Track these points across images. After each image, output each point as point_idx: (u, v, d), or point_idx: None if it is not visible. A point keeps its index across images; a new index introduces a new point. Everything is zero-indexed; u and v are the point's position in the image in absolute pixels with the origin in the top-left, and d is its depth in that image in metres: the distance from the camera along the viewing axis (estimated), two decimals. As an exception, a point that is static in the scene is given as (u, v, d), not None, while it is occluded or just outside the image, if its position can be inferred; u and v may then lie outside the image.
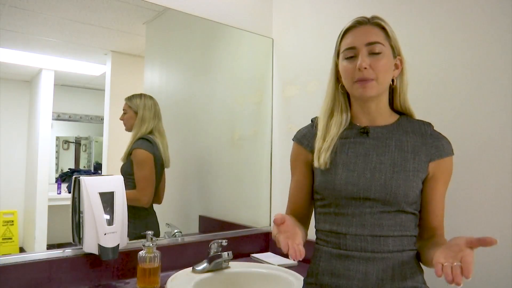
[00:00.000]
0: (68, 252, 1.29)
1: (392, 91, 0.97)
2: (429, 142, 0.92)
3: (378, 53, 0.89)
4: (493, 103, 1.12)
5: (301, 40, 1.81)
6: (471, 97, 1.17)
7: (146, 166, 1.57)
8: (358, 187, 0.89)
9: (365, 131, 0.95)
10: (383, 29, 0.92)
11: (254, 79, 1.96)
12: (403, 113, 0.99)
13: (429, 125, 0.96)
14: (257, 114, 1.95)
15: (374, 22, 0.92)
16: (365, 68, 0.88)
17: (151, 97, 1.60)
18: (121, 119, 1.57)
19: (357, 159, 0.92)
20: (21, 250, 1.49)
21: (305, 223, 1.06)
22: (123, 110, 1.57)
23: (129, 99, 1.58)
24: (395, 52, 0.94)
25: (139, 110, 1.57)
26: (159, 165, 1.60)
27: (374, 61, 0.88)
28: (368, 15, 0.95)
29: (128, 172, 1.54)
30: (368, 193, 0.88)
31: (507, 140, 1.08)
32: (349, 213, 0.90)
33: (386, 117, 0.97)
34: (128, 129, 1.58)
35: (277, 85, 1.94)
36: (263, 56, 1.96)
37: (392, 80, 0.94)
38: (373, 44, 0.89)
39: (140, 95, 1.59)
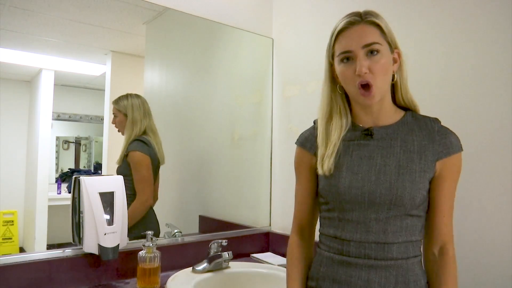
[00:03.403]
0: (68, 252, 1.29)
1: (393, 86, 0.93)
2: (436, 140, 0.88)
3: (376, 52, 0.85)
4: (495, 100, 1.12)
5: (301, 40, 1.81)
6: (472, 95, 1.17)
7: (144, 167, 1.57)
8: (362, 190, 0.87)
9: (369, 133, 0.92)
10: (378, 25, 0.87)
11: (254, 79, 1.96)
12: (408, 109, 0.95)
13: (435, 121, 0.92)
14: (257, 114, 1.95)
15: (368, 21, 0.87)
16: (366, 73, 0.84)
17: (137, 96, 1.59)
18: (113, 123, 1.57)
19: (361, 162, 0.89)
20: (21, 250, 1.48)
21: (312, 230, 1.04)
22: (113, 114, 1.57)
23: (116, 102, 1.57)
24: (392, 47, 0.89)
25: (128, 112, 1.56)
26: (155, 165, 1.60)
27: (372, 62, 0.85)
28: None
29: (124, 174, 1.53)
30: (373, 197, 0.86)
31: (508, 138, 1.08)
32: (353, 219, 0.88)
33: (391, 115, 0.93)
34: (122, 132, 1.57)
35: (277, 85, 1.94)
36: (263, 56, 1.96)
37: (393, 76, 0.91)
38: (370, 45, 0.85)
39: (126, 96, 1.57)
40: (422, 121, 0.92)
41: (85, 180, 1.23)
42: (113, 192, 1.28)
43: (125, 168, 1.54)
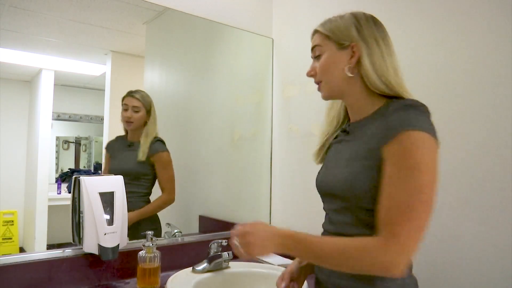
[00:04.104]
0: (68, 252, 1.29)
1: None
2: (384, 122, 0.80)
3: (319, 56, 0.93)
4: (494, 101, 1.12)
5: (301, 40, 1.81)
6: (471, 96, 1.17)
7: (171, 167, 1.62)
8: (324, 183, 0.94)
9: (345, 130, 0.96)
10: (319, 31, 0.94)
11: (254, 79, 1.96)
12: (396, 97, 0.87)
13: (398, 100, 0.82)
14: (257, 114, 1.95)
15: (314, 31, 0.96)
16: (312, 75, 0.94)
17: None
18: (129, 116, 1.54)
19: (332, 157, 0.96)
20: (21, 250, 1.49)
21: None
22: (135, 107, 1.54)
23: (141, 96, 1.56)
24: (343, 44, 0.89)
25: (152, 110, 1.57)
26: None
27: (317, 63, 0.93)
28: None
29: (144, 173, 1.56)
30: (331, 189, 0.90)
31: (507, 139, 1.08)
32: (325, 210, 0.96)
33: (366, 108, 0.90)
34: (135, 128, 1.56)
35: (277, 85, 1.94)
36: (263, 56, 1.96)
37: (353, 70, 0.89)
38: (313, 50, 0.95)
39: (147, 93, 1.58)
40: (391, 107, 0.83)
41: (85, 180, 1.23)
42: (113, 192, 1.28)
43: (145, 167, 1.56)
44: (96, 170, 1.65)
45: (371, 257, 0.73)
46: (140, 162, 1.54)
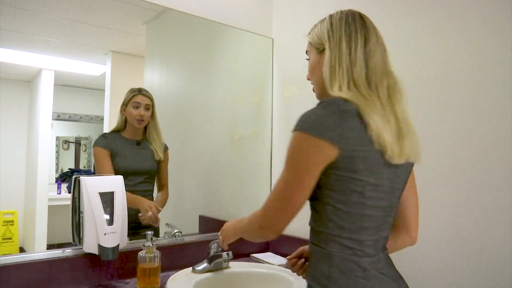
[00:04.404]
0: (68, 252, 1.29)
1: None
2: None
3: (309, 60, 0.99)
4: (494, 102, 1.12)
5: (301, 40, 1.80)
6: (471, 97, 1.17)
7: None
8: None
9: None
10: (308, 40, 1.00)
11: (254, 79, 1.96)
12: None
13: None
14: (257, 114, 1.95)
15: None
16: (308, 78, 1.00)
17: None
18: (143, 114, 1.52)
19: None
20: (21, 250, 1.49)
21: None
22: (148, 105, 1.54)
23: (150, 93, 1.56)
24: (319, 48, 0.94)
25: (155, 108, 1.57)
26: None
27: None
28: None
29: (154, 171, 1.58)
30: None
31: (507, 140, 1.08)
32: None
33: None
34: (143, 126, 1.56)
35: (277, 85, 1.94)
36: (263, 56, 1.96)
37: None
38: (307, 54, 1.01)
39: None
40: None
41: (85, 180, 1.23)
42: (113, 192, 1.28)
43: (154, 165, 1.58)
44: (96, 170, 1.65)
45: (254, 224, 0.91)
46: (156, 161, 1.57)
